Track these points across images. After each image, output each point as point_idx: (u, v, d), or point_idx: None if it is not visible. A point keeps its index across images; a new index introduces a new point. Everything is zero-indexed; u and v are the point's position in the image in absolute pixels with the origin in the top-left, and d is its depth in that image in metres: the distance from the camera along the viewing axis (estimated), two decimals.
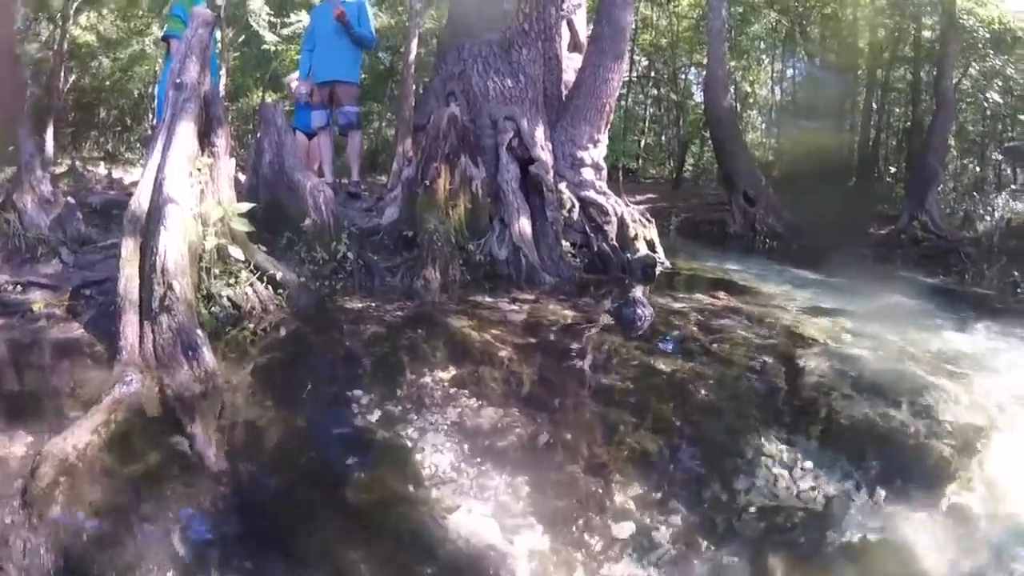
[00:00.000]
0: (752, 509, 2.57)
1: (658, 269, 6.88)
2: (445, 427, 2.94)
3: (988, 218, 12.34)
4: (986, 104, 14.49)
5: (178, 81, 4.41)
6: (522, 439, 2.90)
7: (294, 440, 2.79)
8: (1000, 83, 14.06)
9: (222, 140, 4.55)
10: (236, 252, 4.13)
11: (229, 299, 4.05)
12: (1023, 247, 10.62)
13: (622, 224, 6.88)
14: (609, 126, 7.26)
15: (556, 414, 3.17)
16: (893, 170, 18.03)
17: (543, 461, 2.77)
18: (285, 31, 16.78)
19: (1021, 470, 2.95)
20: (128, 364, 3.24)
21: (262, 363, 3.51)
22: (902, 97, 19.39)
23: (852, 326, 5.22)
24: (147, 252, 3.65)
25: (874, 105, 19.25)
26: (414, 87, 13.74)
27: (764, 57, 24.57)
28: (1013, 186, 14.47)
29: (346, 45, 7.06)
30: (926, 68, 17.10)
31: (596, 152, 7.10)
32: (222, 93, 17.91)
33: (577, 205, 6.71)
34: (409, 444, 2.79)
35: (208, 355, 3.29)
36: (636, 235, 6.96)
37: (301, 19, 15.57)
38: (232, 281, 4.12)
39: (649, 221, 7.43)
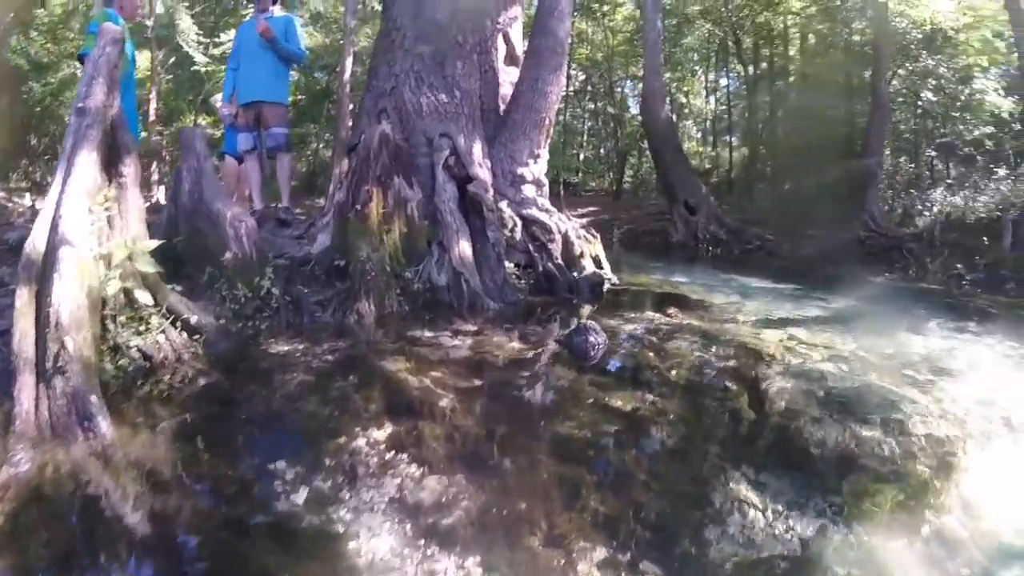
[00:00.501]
0: (727, 562, 2.33)
1: (606, 286, 6.53)
2: (383, 504, 2.50)
3: (927, 213, 12.49)
4: (920, 103, 14.67)
5: (80, 106, 3.90)
6: (471, 513, 2.48)
7: (204, 534, 2.31)
8: (933, 82, 14.21)
9: (130, 169, 4.04)
10: (143, 296, 3.64)
11: (139, 349, 3.55)
12: (963, 240, 10.81)
13: (567, 241, 6.52)
14: (549, 140, 6.91)
15: (508, 478, 2.74)
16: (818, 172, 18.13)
17: (497, 536, 2.37)
18: (216, 51, 16.18)
19: (996, 484, 2.87)
20: (22, 436, 2.79)
21: (171, 429, 2.98)
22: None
23: (807, 337, 5.04)
24: (43, 302, 3.16)
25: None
26: (351, 106, 13.33)
27: (697, 68, 24.74)
28: (949, 180, 14.60)
29: (272, 63, 6.58)
30: (856, 71, 17.28)
31: (537, 168, 6.74)
32: (152, 117, 17.33)
33: (519, 224, 6.32)
34: (342, 529, 2.35)
35: (104, 425, 2.83)
36: (582, 252, 6.61)
37: (232, 38, 15.03)
38: (142, 328, 3.62)
39: (594, 236, 7.10)
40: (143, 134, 17.96)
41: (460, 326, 4.71)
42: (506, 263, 5.91)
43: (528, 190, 6.60)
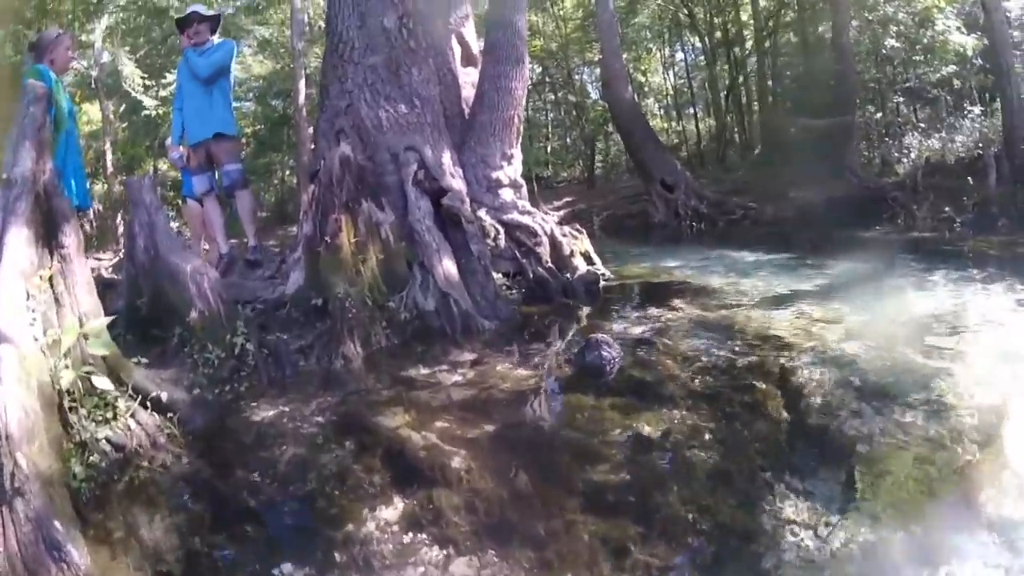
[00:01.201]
0: None
1: (601, 283, 6.08)
2: None
3: (904, 160, 12.23)
4: (884, 50, 14.39)
5: (5, 176, 3.38)
6: None
7: None
8: (895, 28, 13.90)
9: (71, 238, 3.50)
10: (102, 382, 3.12)
11: (108, 441, 3.05)
12: (945, 183, 10.55)
13: (554, 242, 6.06)
14: (519, 138, 6.44)
15: (544, 547, 2.29)
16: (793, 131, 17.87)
17: None
18: (164, 92, 15.56)
19: None
20: None
21: (154, 542, 2.48)
22: (790, 60, 19.27)
23: (818, 312, 4.78)
24: None
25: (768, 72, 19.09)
26: (309, 130, 12.83)
27: (651, 46, 24.37)
28: (921, 125, 14.30)
29: (212, 98, 6.03)
30: (811, 28, 17.03)
31: (511, 169, 6.28)
32: (111, 169, 16.70)
33: (502, 231, 5.86)
34: None
35: (77, 554, 2.32)
36: (572, 251, 6.16)
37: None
38: (109, 415, 3.12)
39: (579, 232, 6.64)
40: (102, 187, 17.43)
41: (457, 356, 4.22)
42: (494, 274, 5.44)
43: (506, 194, 6.14)
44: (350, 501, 2.60)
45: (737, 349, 4.02)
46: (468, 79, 6.71)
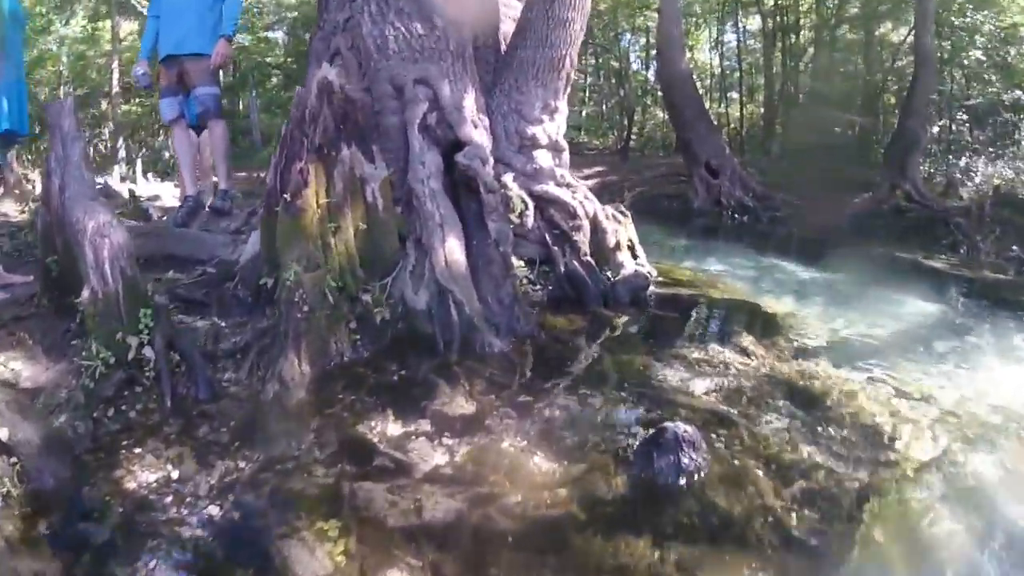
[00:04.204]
0: None
1: (649, 290, 4.56)
2: None
3: (969, 183, 10.66)
4: (966, 61, 12.71)
5: None
6: None
7: None
8: (981, 39, 12.22)
9: None
10: None
11: None
12: (1015, 218, 9.12)
13: (596, 227, 4.48)
14: (568, 88, 4.82)
15: None
16: (849, 133, 16.21)
17: None
18: None
19: None
20: None
21: None
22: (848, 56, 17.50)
23: (902, 381, 3.40)
24: None
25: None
26: None
27: (702, 21, 22.45)
28: (989, 149, 12.65)
29: (198, 10, 4.68)
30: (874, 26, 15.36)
31: (553, 126, 4.64)
32: (116, 89, 15.37)
33: (531, 205, 4.26)
34: None
35: None
36: (617, 242, 4.57)
37: None
38: None
39: (624, 215, 5.00)
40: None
41: (446, 401, 2.68)
42: (515, 263, 3.92)
43: (542, 157, 4.53)
44: None
45: (835, 450, 2.64)
46: (509, 12, 5.08)
